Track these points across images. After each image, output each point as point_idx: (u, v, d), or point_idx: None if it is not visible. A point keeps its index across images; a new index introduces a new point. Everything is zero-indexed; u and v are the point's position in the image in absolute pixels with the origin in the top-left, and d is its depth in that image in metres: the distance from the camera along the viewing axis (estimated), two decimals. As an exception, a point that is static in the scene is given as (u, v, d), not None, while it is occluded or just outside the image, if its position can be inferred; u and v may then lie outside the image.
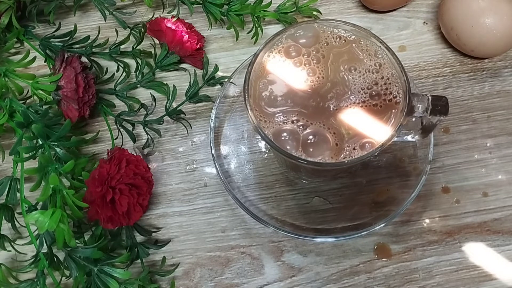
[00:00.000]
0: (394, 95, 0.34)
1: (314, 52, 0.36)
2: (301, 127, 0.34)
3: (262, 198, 0.43)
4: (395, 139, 0.34)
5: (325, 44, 0.36)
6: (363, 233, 0.40)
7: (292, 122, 0.34)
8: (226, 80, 0.46)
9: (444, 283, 0.41)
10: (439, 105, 0.34)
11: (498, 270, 0.41)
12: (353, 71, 0.35)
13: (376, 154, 0.33)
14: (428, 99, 0.34)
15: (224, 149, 0.45)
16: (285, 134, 0.34)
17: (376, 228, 0.40)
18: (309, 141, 0.33)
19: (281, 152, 0.33)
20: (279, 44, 0.36)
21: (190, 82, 0.46)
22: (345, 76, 0.35)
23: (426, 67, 0.48)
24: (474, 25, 0.44)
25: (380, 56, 0.35)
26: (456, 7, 0.45)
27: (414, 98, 0.34)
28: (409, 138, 0.36)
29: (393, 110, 0.34)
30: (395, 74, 0.34)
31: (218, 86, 0.47)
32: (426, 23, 0.50)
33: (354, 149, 0.33)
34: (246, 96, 0.34)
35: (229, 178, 0.43)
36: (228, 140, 0.45)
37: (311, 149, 0.33)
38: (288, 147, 0.33)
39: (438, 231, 0.42)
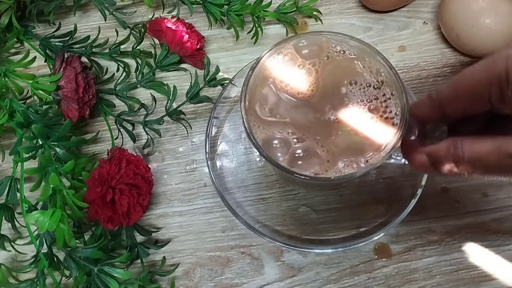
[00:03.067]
0: (392, 116, 0.34)
1: (310, 66, 0.36)
2: (294, 139, 0.34)
3: (254, 207, 0.43)
4: (392, 161, 0.34)
5: (325, 58, 0.36)
6: (351, 247, 0.40)
7: (288, 133, 0.34)
8: (227, 82, 0.46)
9: (444, 283, 0.41)
10: (438, 132, 0.33)
11: (498, 270, 0.41)
12: (353, 84, 0.35)
13: (364, 172, 0.32)
14: (428, 125, 0.34)
15: (222, 151, 0.45)
16: (276, 142, 0.34)
17: (360, 244, 0.40)
18: (297, 155, 0.33)
19: (270, 161, 0.33)
20: (280, 54, 0.36)
21: (191, 83, 0.46)
22: (344, 89, 0.35)
23: (426, 67, 0.48)
24: (474, 25, 0.44)
25: (382, 74, 0.35)
26: (456, 7, 0.45)
27: (413, 122, 0.33)
28: (406, 161, 0.36)
29: (389, 130, 0.33)
30: (395, 94, 0.34)
31: (219, 87, 0.47)
32: (426, 23, 0.50)
33: (345, 166, 0.33)
34: (243, 97, 0.34)
35: (226, 191, 0.43)
36: (228, 140, 0.45)
37: (299, 162, 0.33)
38: (278, 154, 0.33)
39: (438, 231, 0.42)
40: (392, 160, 0.34)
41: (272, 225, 0.42)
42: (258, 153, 0.36)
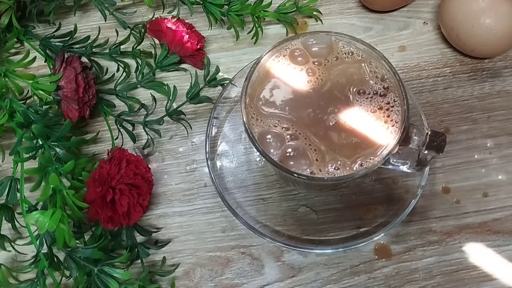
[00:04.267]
0: (392, 124, 0.34)
1: (317, 64, 0.36)
2: (288, 136, 0.34)
3: (254, 207, 0.43)
4: (390, 167, 0.34)
5: (334, 59, 0.36)
6: (352, 247, 0.40)
7: (282, 128, 0.34)
8: (227, 82, 0.46)
9: (444, 283, 0.41)
10: (436, 141, 0.33)
11: (498, 270, 0.41)
12: (362, 94, 0.35)
13: (359, 175, 0.33)
14: (427, 133, 0.34)
15: (222, 151, 0.45)
16: (269, 136, 0.34)
17: (361, 245, 0.41)
18: (288, 154, 0.33)
19: (263, 154, 0.33)
20: (287, 49, 0.36)
21: (191, 83, 0.46)
22: (351, 96, 0.35)
23: (426, 67, 0.48)
24: (474, 25, 0.44)
25: (387, 79, 0.35)
26: (456, 7, 0.45)
27: (412, 130, 0.33)
28: (404, 168, 0.36)
29: (387, 136, 0.33)
30: (397, 101, 0.34)
31: (219, 87, 0.47)
32: (426, 23, 0.50)
33: (336, 168, 0.33)
34: (244, 93, 0.34)
35: (226, 191, 0.43)
36: (228, 140, 0.45)
37: (291, 162, 0.33)
38: (271, 150, 0.34)
39: (438, 231, 0.42)
40: (391, 166, 0.34)
41: (272, 225, 0.42)
42: (257, 153, 0.36)
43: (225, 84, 0.46)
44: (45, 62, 0.48)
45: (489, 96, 0.46)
